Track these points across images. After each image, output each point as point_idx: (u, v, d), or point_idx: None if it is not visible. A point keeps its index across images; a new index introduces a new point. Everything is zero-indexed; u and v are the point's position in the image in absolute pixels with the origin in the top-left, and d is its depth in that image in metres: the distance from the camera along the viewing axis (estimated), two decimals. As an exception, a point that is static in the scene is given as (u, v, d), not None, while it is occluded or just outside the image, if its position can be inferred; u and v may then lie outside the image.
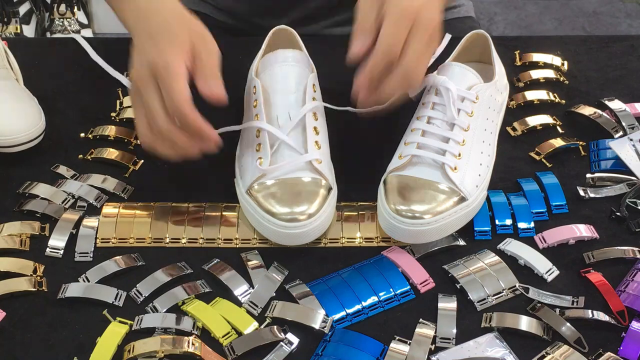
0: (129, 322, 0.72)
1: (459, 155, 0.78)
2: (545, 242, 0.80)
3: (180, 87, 0.73)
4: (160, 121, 0.74)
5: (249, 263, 0.78)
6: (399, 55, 0.75)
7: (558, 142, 0.90)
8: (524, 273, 0.77)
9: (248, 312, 0.73)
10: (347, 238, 0.80)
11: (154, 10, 0.79)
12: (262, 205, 0.76)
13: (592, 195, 0.85)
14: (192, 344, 0.68)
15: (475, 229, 0.80)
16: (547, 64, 1.03)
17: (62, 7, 2.20)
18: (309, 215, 0.75)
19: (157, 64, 0.73)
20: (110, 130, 0.91)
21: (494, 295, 0.75)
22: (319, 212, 0.76)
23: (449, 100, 0.79)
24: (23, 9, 2.07)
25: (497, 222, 0.81)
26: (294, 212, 0.75)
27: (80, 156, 0.89)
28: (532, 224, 0.81)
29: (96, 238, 0.80)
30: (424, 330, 0.71)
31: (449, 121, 0.80)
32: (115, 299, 0.74)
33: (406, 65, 0.75)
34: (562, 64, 1.02)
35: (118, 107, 0.96)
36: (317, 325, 0.71)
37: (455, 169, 0.77)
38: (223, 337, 0.71)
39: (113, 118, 0.94)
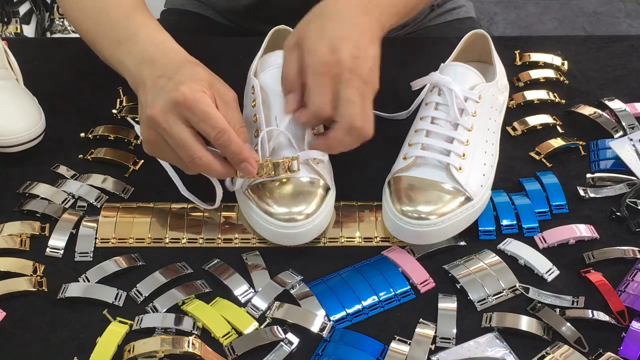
0: (129, 322, 0.72)
1: (463, 155, 0.78)
2: (545, 242, 0.80)
3: (217, 112, 0.71)
4: (197, 152, 0.72)
5: (250, 264, 0.77)
6: (336, 112, 0.73)
7: (558, 142, 0.90)
8: (524, 273, 0.77)
9: (249, 313, 0.73)
10: (347, 238, 0.80)
11: (161, 53, 0.78)
12: (260, 205, 0.76)
13: (592, 195, 0.85)
14: (192, 344, 0.68)
15: (480, 228, 0.80)
16: (547, 63, 1.03)
17: (62, 7, 2.19)
18: (306, 215, 0.75)
19: (182, 97, 0.70)
20: (110, 130, 0.91)
21: (494, 295, 0.75)
22: (316, 212, 0.76)
23: (452, 100, 0.79)
24: (23, 9, 2.07)
25: (503, 222, 0.81)
26: (292, 212, 0.75)
27: (80, 156, 0.89)
28: (537, 224, 0.81)
29: (96, 238, 0.80)
30: (424, 330, 0.71)
31: (452, 121, 0.80)
32: (115, 299, 0.74)
33: (346, 120, 0.73)
34: (562, 64, 1.02)
35: (118, 105, 0.96)
36: (317, 328, 0.71)
37: (460, 169, 0.77)
38: (223, 337, 0.71)
39: (115, 115, 0.94)
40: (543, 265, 0.77)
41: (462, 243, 0.80)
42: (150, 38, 0.80)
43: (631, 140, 0.88)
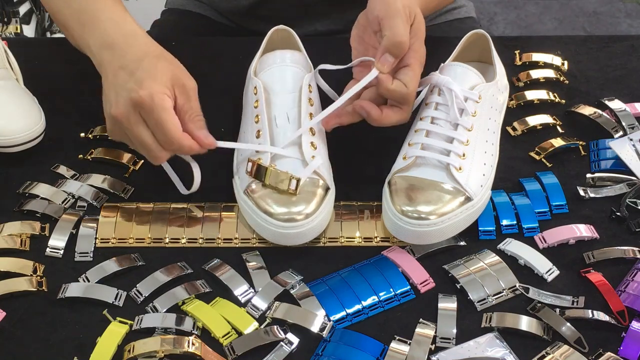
0: (129, 322, 0.72)
1: (463, 155, 0.78)
2: (545, 242, 0.80)
3: (171, 119, 0.75)
4: (154, 152, 0.77)
5: (250, 264, 0.77)
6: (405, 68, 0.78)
7: (558, 142, 0.90)
8: (524, 273, 0.77)
9: (249, 313, 0.73)
10: (347, 238, 0.80)
11: (128, 45, 0.80)
12: (259, 205, 0.76)
13: (592, 195, 0.85)
14: (192, 344, 0.68)
15: (480, 228, 0.80)
16: (547, 63, 1.03)
17: (62, 7, 2.19)
18: (306, 215, 0.75)
19: (140, 99, 0.74)
20: (110, 130, 0.91)
21: (494, 295, 0.75)
22: (316, 212, 0.76)
23: (452, 100, 0.79)
24: (23, 9, 2.07)
25: (503, 222, 0.81)
26: (292, 212, 0.75)
27: (80, 156, 0.89)
28: (537, 224, 0.81)
29: (96, 238, 0.80)
30: (424, 330, 0.71)
31: (452, 121, 0.80)
32: (115, 299, 0.74)
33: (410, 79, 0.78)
34: (562, 64, 1.02)
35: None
36: (317, 328, 0.71)
37: (460, 169, 0.77)
38: (223, 337, 0.71)
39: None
40: (543, 265, 0.77)
41: (462, 243, 0.80)
42: (112, 20, 0.82)
43: (631, 140, 0.88)
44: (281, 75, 0.83)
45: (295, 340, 0.71)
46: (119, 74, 0.77)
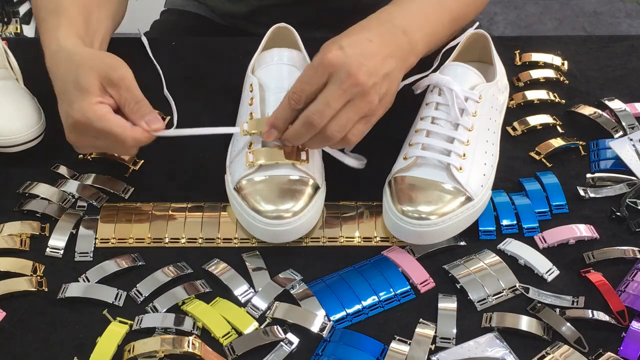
0: (129, 322, 0.72)
1: (464, 155, 0.78)
2: (545, 242, 0.80)
3: (113, 124, 0.74)
4: (121, 151, 0.80)
5: (250, 264, 0.77)
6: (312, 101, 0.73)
7: (558, 142, 0.90)
8: (524, 273, 0.77)
9: (249, 313, 0.73)
10: (346, 237, 0.80)
11: (55, 67, 0.80)
12: (248, 202, 0.76)
13: (592, 195, 0.85)
14: (192, 344, 0.68)
15: (480, 228, 0.80)
16: (547, 63, 1.02)
17: (62, 7, 2.19)
18: (294, 213, 0.75)
19: (76, 121, 0.75)
20: (110, 130, 0.91)
21: (494, 295, 0.75)
22: (304, 210, 0.76)
23: (452, 100, 0.79)
24: (23, 9, 2.06)
25: (503, 222, 0.81)
26: (279, 210, 0.75)
27: (80, 156, 0.89)
28: (537, 224, 0.81)
29: (96, 238, 0.80)
30: (424, 330, 0.71)
31: (453, 121, 0.80)
32: (115, 299, 0.74)
33: (311, 109, 0.72)
34: (562, 64, 1.02)
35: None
36: (317, 328, 0.71)
37: (461, 169, 0.78)
38: (223, 337, 0.71)
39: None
40: (543, 265, 0.77)
41: (462, 243, 0.80)
42: (44, 42, 0.83)
43: (631, 140, 0.88)
44: (277, 73, 0.83)
45: (295, 340, 0.71)
46: (59, 100, 0.78)
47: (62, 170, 0.87)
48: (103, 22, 0.88)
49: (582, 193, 0.85)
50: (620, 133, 0.91)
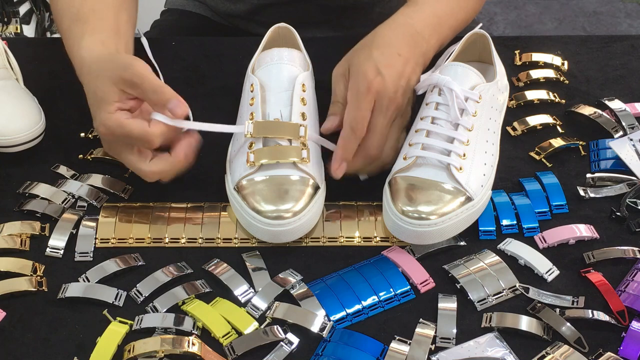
0: (129, 322, 0.72)
1: (464, 155, 0.78)
2: (545, 242, 0.80)
3: (134, 127, 0.75)
4: (144, 169, 0.79)
5: (250, 264, 0.77)
6: (366, 134, 0.78)
7: (558, 142, 0.90)
8: (524, 273, 0.77)
9: (249, 313, 0.73)
10: (346, 237, 0.80)
11: (83, 74, 0.82)
12: (248, 203, 0.76)
13: (592, 195, 0.85)
14: (192, 344, 0.68)
15: (480, 228, 0.80)
16: (547, 63, 1.03)
17: (62, 7, 2.19)
18: (294, 213, 0.75)
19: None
20: (110, 130, 0.91)
21: (494, 295, 0.75)
22: (304, 210, 0.76)
23: (452, 100, 0.79)
24: (23, 9, 2.06)
25: (503, 222, 0.81)
26: (279, 210, 0.75)
27: (80, 156, 0.89)
28: (537, 224, 0.81)
29: (96, 238, 0.80)
30: (424, 330, 0.71)
31: (453, 121, 0.80)
32: (115, 299, 0.74)
33: (369, 145, 0.78)
34: (562, 64, 1.02)
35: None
36: (317, 328, 0.71)
37: (461, 169, 0.77)
38: (223, 337, 0.71)
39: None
40: (543, 265, 0.77)
41: (462, 243, 0.80)
42: (71, 52, 0.85)
43: (631, 140, 0.88)
44: (277, 72, 0.83)
45: (295, 340, 0.71)
46: (92, 109, 0.79)
47: (62, 170, 0.87)
48: (126, 25, 0.89)
49: (582, 193, 0.85)
50: (620, 133, 0.91)
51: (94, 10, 0.86)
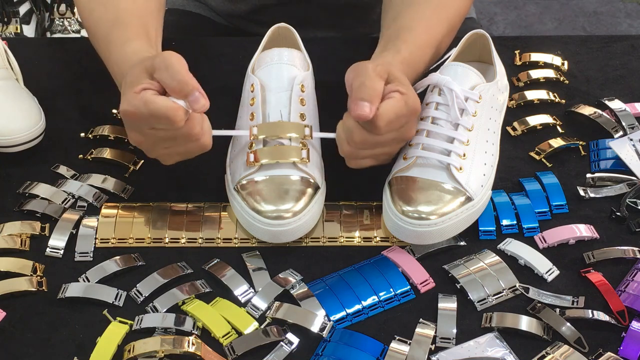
0: (129, 322, 0.72)
1: (464, 155, 0.78)
2: (545, 242, 0.80)
3: (159, 102, 0.72)
4: (160, 150, 0.77)
5: (250, 264, 0.77)
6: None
7: (558, 142, 0.90)
8: (524, 273, 0.77)
9: (248, 312, 0.73)
10: (347, 238, 0.80)
11: (128, 68, 0.79)
12: (248, 203, 0.76)
13: (592, 195, 0.85)
14: (192, 344, 0.68)
15: (480, 228, 0.80)
16: (547, 63, 1.03)
17: (62, 7, 2.20)
18: (294, 213, 0.75)
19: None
20: (110, 130, 0.91)
21: (494, 295, 0.75)
22: (304, 210, 0.76)
23: (452, 100, 0.79)
24: (23, 9, 2.07)
25: (503, 222, 0.81)
26: (279, 210, 0.75)
27: (80, 156, 0.89)
28: (537, 224, 0.81)
29: (96, 238, 0.80)
30: (424, 330, 0.71)
31: (453, 121, 0.80)
32: (115, 299, 0.74)
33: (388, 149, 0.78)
34: (562, 64, 1.02)
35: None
36: (317, 328, 0.71)
37: (461, 169, 0.78)
38: (223, 337, 0.71)
39: (115, 115, 0.94)
40: (543, 265, 0.77)
41: (462, 243, 0.80)
42: (117, 46, 0.84)
43: (631, 140, 0.88)
44: (277, 73, 0.83)
45: (295, 340, 0.71)
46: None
47: (62, 170, 0.87)
48: (158, 30, 0.90)
49: (582, 193, 0.85)
50: (620, 133, 0.91)
51: (132, 16, 0.86)
